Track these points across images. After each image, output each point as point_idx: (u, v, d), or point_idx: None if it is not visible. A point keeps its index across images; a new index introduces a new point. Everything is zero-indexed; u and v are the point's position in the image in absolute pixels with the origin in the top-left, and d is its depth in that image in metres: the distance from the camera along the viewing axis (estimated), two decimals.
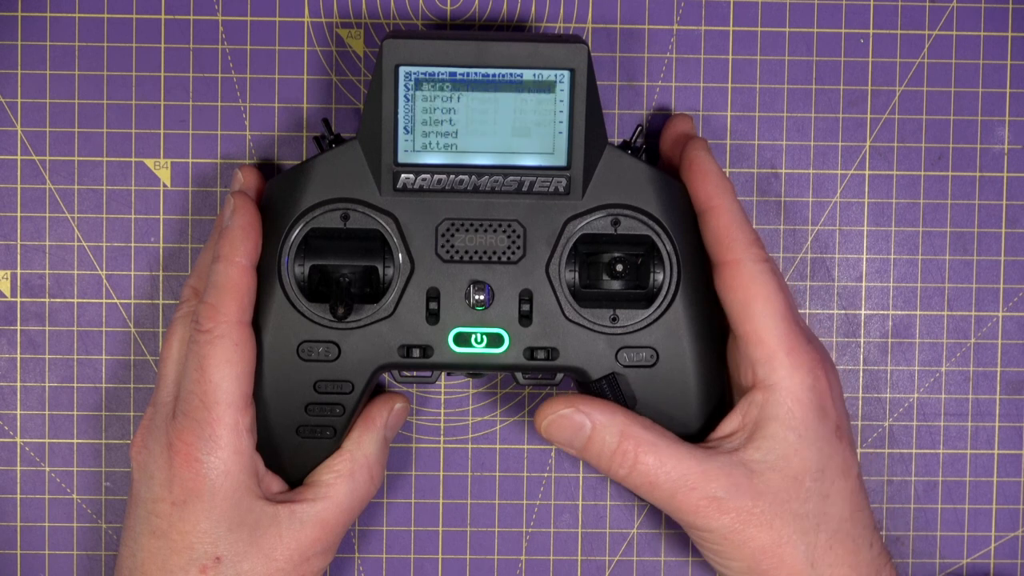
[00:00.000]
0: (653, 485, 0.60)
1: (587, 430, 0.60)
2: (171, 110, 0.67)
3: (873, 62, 0.68)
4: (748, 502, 0.59)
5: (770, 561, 0.59)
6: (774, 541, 0.59)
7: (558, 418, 0.61)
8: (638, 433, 0.60)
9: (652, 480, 0.59)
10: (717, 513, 0.59)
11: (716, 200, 0.61)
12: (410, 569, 0.69)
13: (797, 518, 0.59)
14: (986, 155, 0.68)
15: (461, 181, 0.61)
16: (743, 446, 0.60)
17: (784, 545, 0.59)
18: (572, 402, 0.61)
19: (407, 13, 0.68)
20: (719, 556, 0.60)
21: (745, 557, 0.60)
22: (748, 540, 0.59)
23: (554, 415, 0.61)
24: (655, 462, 0.59)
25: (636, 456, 0.59)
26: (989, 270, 0.69)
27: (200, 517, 0.59)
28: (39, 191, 0.67)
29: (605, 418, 0.60)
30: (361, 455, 0.62)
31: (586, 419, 0.60)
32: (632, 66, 0.68)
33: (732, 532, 0.59)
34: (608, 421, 0.60)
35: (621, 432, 0.60)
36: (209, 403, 0.59)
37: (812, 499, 0.59)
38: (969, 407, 0.69)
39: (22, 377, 0.68)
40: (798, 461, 0.59)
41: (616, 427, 0.60)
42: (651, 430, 0.60)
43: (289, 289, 0.61)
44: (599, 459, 0.60)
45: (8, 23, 0.67)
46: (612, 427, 0.60)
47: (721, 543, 0.60)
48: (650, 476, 0.59)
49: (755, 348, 0.60)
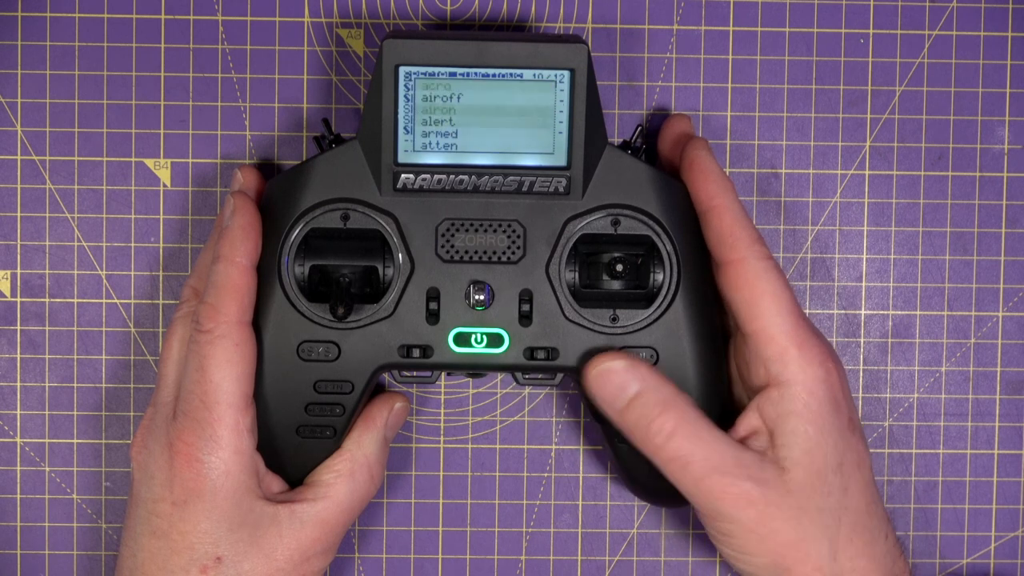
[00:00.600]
0: (686, 462, 0.59)
1: (632, 391, 0.59)
2: (171, 110, 0.67)
3: (873, 62, 0.68)
4: (777, 497, 0.59)
5: (795, 556, 0.59)
6: (799, 536, 0.59)
7: (608, 371, 0.60)
8: (683, 407, 0.59)
9: (686, 457, 0.59)
10: (745, 504, 0.58)
11: (718, 200, 0.61)
12: (410, 569, 0.69)
13: (820, 512, 0.59)
14: (986, 155, 0.68)
15: (461, 181, 0.61)
16: (769, 446, 0.59)
17: (808, 540, 0.59)
18: (626, 359, 0.60)
19: (407, 13, 0.68)
20: (741, 551, 0.60)
21: (769, 552, 0.59)
22: (773, 534, 0.59)
23: (604, 366, 0.60)
24: (692, 441, 0.58)
25: (675, 430, 0.58)
26: (989, 270, 0.69)
27: (201, 517, 0.59)
28: (39, 191, 0.67)
29: (655, 383, 0.59)
30: (361, 455, 0.62)
31: (636, 380, 0.59)
32: (632, 66, 0.68)
33: (758, 525, 0.59)
34: (656, 388, 0.59)
35: (666, 402, 0.59)
36: (210, 403, 0.59)
37: (834, 493, 0.59)
38: (969, 407, 0.69)
39: (22, 377, 0.68)
40: (820, 455, 0.59)
41: (663, 396, 0.59)
42: (695, 409, 0.59)
43: (289, 289, 0.61)
44: (636, 424, 0.59)
45: (8, 23, 0.67)
46: (659, 394, 0.59)
47: (746, 537, 0.59)
48: (684, 452, 0.58)
49: (766, 345, 0.60)
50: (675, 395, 0.59)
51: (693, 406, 0.59)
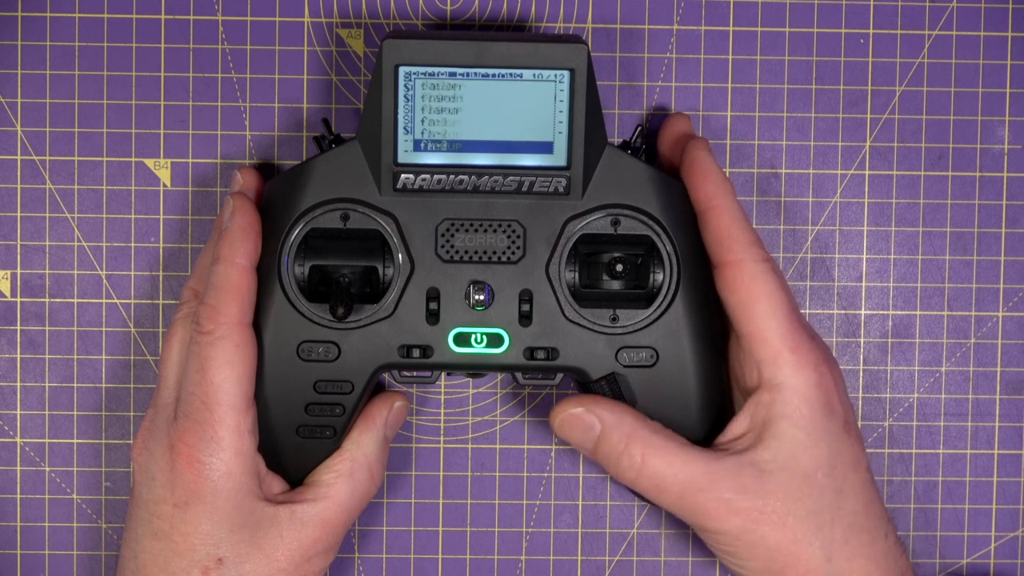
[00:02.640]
0: (660, 488, 0.60)
1: (596, 431, 0.60)
2: (171, 110, 0.67)
3: (873, 62, 0.68)
4: (759, 502, 0.59)
5: (785, 559, 0.59)
6: (788, 539, 0.59)
7: (569, 417, 0.61)
8: (646, 436, 0.60)
9: (659, 483, 0.59)
10: (727, 514, 0.59)
11: (716, 200, 0.61)
12: (410, 569, 0.69)
13: (811, 515, 0.59)
14: (986, 155, 0.68)
15: (461, 181, 0.61)
16: (752, 447, 0.60)
17: (799, 543, 0.59)
18: (583, 402, 0.61)
19: (407, 13, 0.68)
20: (734, 557, 0.60)
21: (760, 557, 0.59)
22: (761, 540, 0.59)
23: (565, 414, 0.61)
24: (663, 464, 0.59)
25: (644, 459, 0.59)
26: (989, 270, 0.69)
27: (202, 518, 0.59)
28: (39, 191, 0.67)
29: (614, 419, 0.60)
30: (361, 455, 0.62)
31: (596, 420, 0.60)
32: (632, 66, 0.68)
33: (745, 533, 0.59)
34: (616, 423, 0.60)
35: (629, 435, 0.60)
36: (211, 404, 0.59)
37: (825, 495, 0.59)
38: (969, 407, 0.69)
39: (22, 377, 0.68)
40: (808, 458, 0.59)
41: (624, 429, 0.60)
42: (659, 433, 0.60)
43: (289, 289, 0.61)
44: (607, 460, 0.60)
45: (8, 23, 0.67)
46: (620, 429, 0.60)
47: (735, 544, 0.60)
48: (657, 479, 0.59)
49: (759, 348, 0.60)
50: (636, 425, 0.60)
51: (658, 431, 0.60)
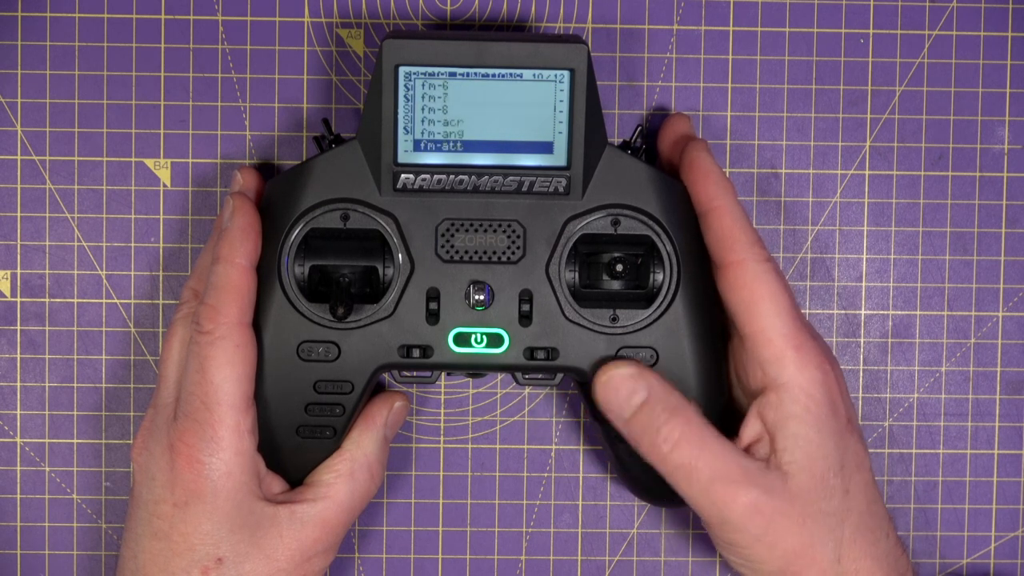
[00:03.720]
0: (691, 470, 0.59)
1: (639, 399, 0.59)
2: (171, 110, 0.67)
3: (873, 62, 0.68)
4: (784, 504, 0.59)
5: (801, 561, 0.59)
6: (805, 542, 0.59)
7: (617, 377, 0.60)
8: (689, 416, 0.59)
9: (691, 465, 0.59)
10: (752, 512, 0.58)
11: (717, 201, 0.61)
12: (410, 569, 0.69)
13: (824, 516, 0.59)
14: (986, 155, 0.68)
15: (461, 181, 0.61)
16: (771, 451, 0.59)
17: (815, 544, 0.59)
18: (636, 366, 0.60)
19: (407, 13, 0.68)
20: (749, 560, 0.60)
21: (776, 559, 0.59)
22: (780, 541, 0.59)
23: (614, 372, 0.60)
24: (699, 447, 0.58)
25: (681, 437, 0.59)
26: (989, 270, 0.69)
27: (202, 518, 0.59)
28: (39, 191, 0.67)
29: (663, 391, 0.59)
30: (361, 454, 0.62)
31: (645, 387, 0.60)
32: (632, 66, 0.68)
33: (765, 533, 0.59)
34: (665, 394, 0.59)
35: (674, 409, 0.59)
36: (211, 404, 0.59)
37: (836, 496, 0.59)
38: (969, 407, 0.69)
39: (22, 377, 0.68)
40: (821, 458, 0.59)
41: (671, 403, 0.59)
42: (701, 417, 0.59)
43: (289, 289, 0.61)
44: (643, 432, 0.59)
45: (8, 23, 0.67)
46: (667, 402, 0.59)
47: (753, 545, 0.59)
48: (691, 460, 0.59)
49: (763, 348, 0.60)
50: (682, 403, 0.59)
51: (699, 414, 0.59)
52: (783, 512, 0.58)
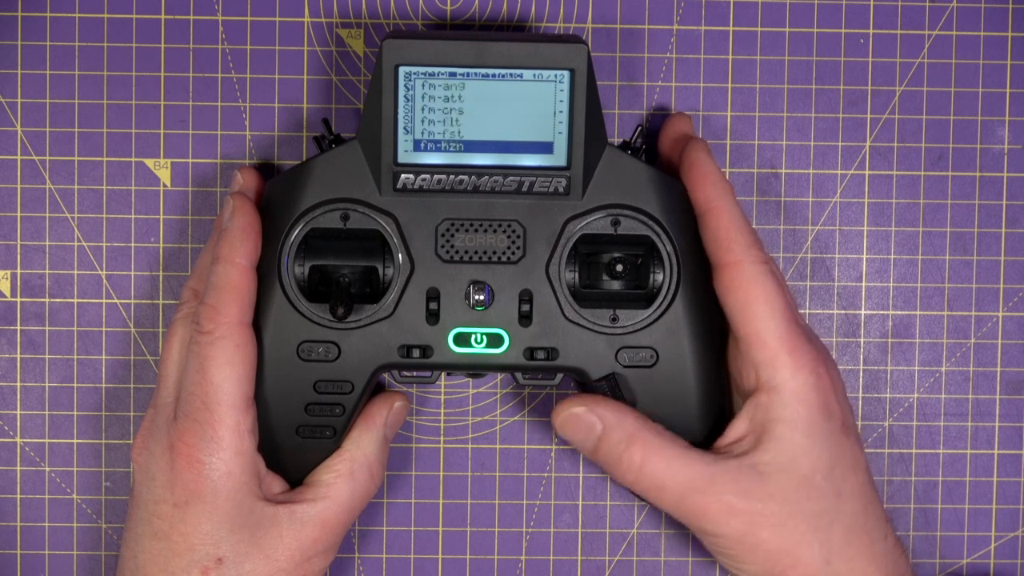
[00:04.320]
0: (661, 489, 0.59)
1: (597, 431, 0.60)
2: (171, 110, 0.67)
3: (873, 62, 0.68)
4: (758, 505, 0.59)
5: (785, 561, 0.59)
6: (788, 542, 0.59)
7: (571, 416, 0.61)
8: (647, 437, 0.60)
9: (660, 484, 0.59)
10: (727, 517, 0.59)
11: (716, 202, 0.61)
12: (410, 569, 0.69)
13: (810, 517, 0.59)
14: (986, 155, 0.68)
15: (461, 181, 0.61)
16: (752, 450, 0.60)
17: (799, 545, 0.59)
18: (585, 402, 0.61)
19: (407, 13, 0.68)
20: (734, 560, 0.60)
21: (759, 560, 0.59)
22: (761, 543, 0.59)
23: (567, 413, 0.61)
24: (663, 466, 0.59)
25: (644, 460, 0.59)
26: (989, 270, 0.69)
27: (202, 518, 0.59)
28: (39, 191, 0.67)
29: (616, 419, 0.60)
30: (361, 454, 0.62)
31: (597, 420, 0.60)
32: (632, 66, 0.68)
33: (744, 536, 0.59)
34: (618, 423, 0.60)
35: (630, 436, 0.60)
36: (211, 404, 0.59)
37: (825, 497, 0.59)
38: (969, 407, 0.69)
39: (22, 377, 0.68)
40: (807, 461, 0.59)
41: (626, 430, 0.60)
42: (660, 435, 0.60)
43: (289, 289, 0.61)
44: (608, 460, 0.60)
45: (8, 23, 0.67)
46: (621, 430, 0.60)
47: (735, 547, 0.60)
48: (657, 480, 0.59)
49: (757, 350, 0.60)
50: (638, 427, 0.60)
51: (659, 432, 0.60)
52: (760, 513, 0.59)
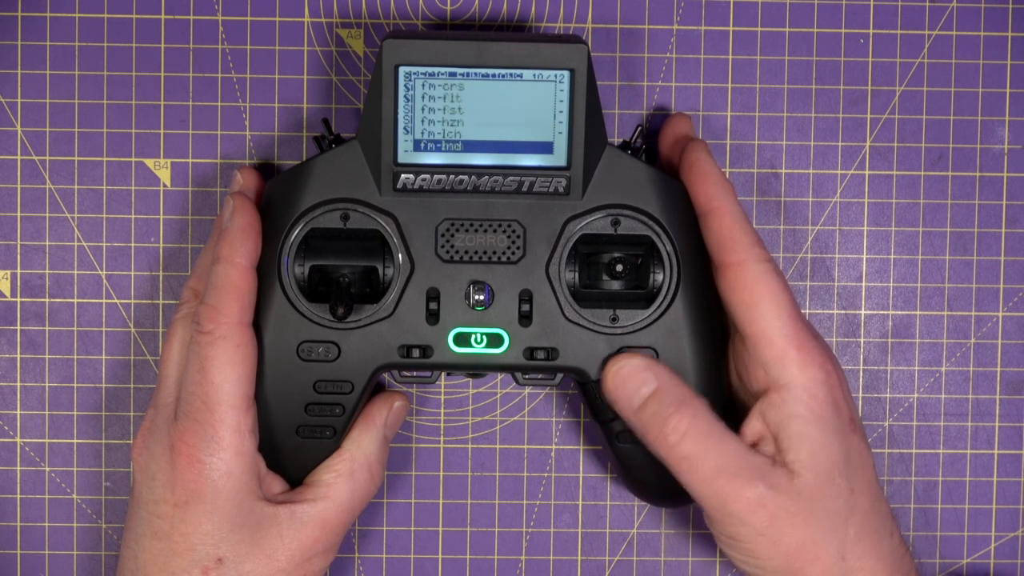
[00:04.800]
0: (697, 460, 0.59)
1: (650, 389, 0.60)
2: (171, 110, 0.67)
3: (873, 62, 0.68)
4: (788, 501, 0.59)
5: (804, 559, 0.59)
6: (809, 539, 0.59)
7: (628, 367, 0.60)
8: (698, 408, 0.59)
9: (697, 457, 0.59)
10: (756, 507, 0.58)
11: (717, 202, 0.61)
12: (410, 569, 0.69)
13: (829, 515, 0.59)
14: (986, 155, 0.68)
15: (461, 181, 0.61)
16: (776, 451, 0.59)
17: (819, 542, 0.59)
18: (646, 358, 0.60)
19: (407, 13, 0.68)
20: (751, 555, 0.60)
21: (779, 555, 0.59)
22: (783, 538, 0.59)
23: (624, 364, 0.60)
24: (705, 441, 0.59)
25: (688, 429, 0.59)
26: (989, 270, 0.69)
27: (202, 518, 0.59)
28: (39, 191, 0.67)
29: (671, 381, 0.60)
30: (361, 454, 0.62)
31: (653, 377, 0.60)
32: (632, 66, 0.68)
33: (769, 529, 0.58)
34: (673, 385, 0.59)
35: (681, 399, 0.59)
36: (211, 404, 0.59)
37: (841, 494, 0.59)
38: (969, 407, 0.69)
39: (22, 377, 0.68)
40: (825, 457, 0.59)
41: (679, 393, 0.59)
42: (710, 410, 0.59)
43: (289, 289, 0.61)
44: (651, 423, 0.59)
45: (8, 23, 0.67)
46: (675, 392, 0.59)
47: (756, 540, 0.59)
48: (697, 452, 0.59)
49: (765, 348, 0.60)
50: (691, 395, 0.59)
51: (708, 408, 0.60)
52: (788, 509, 0.58)
